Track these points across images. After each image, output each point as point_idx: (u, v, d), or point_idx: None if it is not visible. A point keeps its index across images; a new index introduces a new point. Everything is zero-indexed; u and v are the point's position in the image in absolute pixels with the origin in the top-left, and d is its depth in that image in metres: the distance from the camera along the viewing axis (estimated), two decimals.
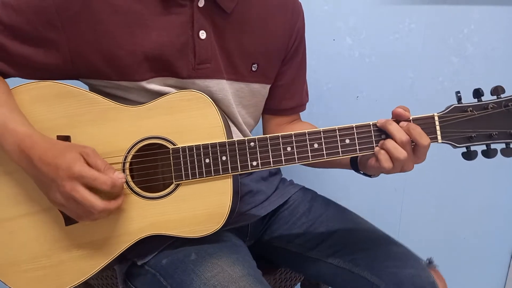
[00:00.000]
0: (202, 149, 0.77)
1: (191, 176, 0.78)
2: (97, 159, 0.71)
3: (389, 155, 0.73)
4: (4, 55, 0.78)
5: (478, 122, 0.73)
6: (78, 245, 0.79)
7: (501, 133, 0.73)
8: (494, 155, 0.74)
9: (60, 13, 0.75)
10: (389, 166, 0.73)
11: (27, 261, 0.79)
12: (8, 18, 0.75)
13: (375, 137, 0.75)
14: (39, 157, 0.70)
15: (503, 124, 0.73)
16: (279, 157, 0.77)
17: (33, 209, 0.79)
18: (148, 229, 0.79)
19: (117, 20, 0.77)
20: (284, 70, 0.96)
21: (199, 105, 0.79)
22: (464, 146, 0.75)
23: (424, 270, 0.83)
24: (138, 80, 0.80)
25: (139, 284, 0.86)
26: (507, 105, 0.72)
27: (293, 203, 1.01)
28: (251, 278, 0.74)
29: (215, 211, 0.78)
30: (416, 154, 0.74)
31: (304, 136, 0.76)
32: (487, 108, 0.73)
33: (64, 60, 0.78)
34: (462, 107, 0.74)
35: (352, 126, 0.75)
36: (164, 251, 0.83)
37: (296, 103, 1.02)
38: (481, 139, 0.74)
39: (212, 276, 0.74)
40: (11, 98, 0.77)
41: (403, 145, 0.72)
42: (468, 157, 0.75)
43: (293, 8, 0.93)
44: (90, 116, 0.78)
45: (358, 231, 0.93)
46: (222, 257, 0.78)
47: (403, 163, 0.74)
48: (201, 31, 0.81)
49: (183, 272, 0.77)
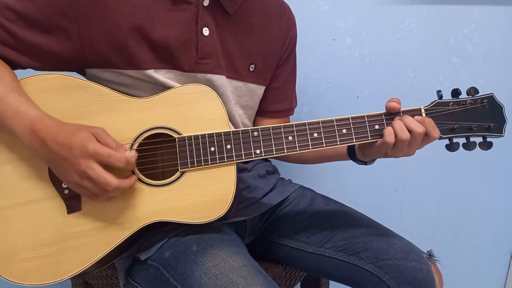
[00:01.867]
0: (207, 138, 0.80)
1: (197, 164, 0.80)
2: (108, 138, 0.74)
3: (394, 132, 0.79)
4: (16, 44, 0.80)
5: (459, 116, 0.82)
6: (80, 233, 0.79)
7: (479, 126, 0.82)
8: (473, 147, 0.83)
9: (72, 4, 0.78)
10: (391, 141, 0.79)
11: (26, 250, 0.79)
12: (22, 7, 0.78)
13: (369, 127, 0.82)
14: (52, 139, 0.72)
15: (480, 118, 0.82)
16: (281, 145, 0.81)
17: (34, 197, 0.79)
18: (152, 216, 0.80)
19: (126, 13, 0.80)
20: (278, 74, 1.01)
21: (205, 98, 0.81)
22: (448, 137, 0.83)
23: (425, 263, 0.86)
24: (146, 68, 0.83)
25: (140, 280, 0.87)
26: (482, 102, 0.82)
27: (293, 200, 1.03)
28: (252, 268, 0.76)
29: (219, 197, 0.80)
30: (423, 143, 0.81)
31: (304, 126, 0.81)
32: (465, 104, 0.83)
33: (75, 48, 0.81)
34: (444, 102, 0.83)
35: (348, 117, 0.82)
36: (166, 244, 0.84)
37: (286, 107, 1.06)
38: (462, 131, 0.83)
39: (213, 266, 0.75)
40: (19, 84, 0.79)
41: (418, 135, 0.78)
42: (450, 149, 0.84)
43: (289, 18, 1.00)
44: (97, 107, 0.80)
45: (359, 226, 0.94)
46: (223, 248, 0.79)
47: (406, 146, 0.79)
48: (205, 28, 0.85)
49: (185, 263, 0.78)
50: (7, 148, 0.79)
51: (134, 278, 0.88)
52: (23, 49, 0.80)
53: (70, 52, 0.81)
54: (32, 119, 0.74)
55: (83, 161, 0.70)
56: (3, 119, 0.75)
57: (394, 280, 0.85)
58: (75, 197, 0.79)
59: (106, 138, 0.74)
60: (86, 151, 0.70)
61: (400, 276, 0.84)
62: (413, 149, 0.81)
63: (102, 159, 0.71)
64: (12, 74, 0.80)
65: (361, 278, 0.89)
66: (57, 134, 0.73)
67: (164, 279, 0.80)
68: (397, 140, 0.78)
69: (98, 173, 0.71)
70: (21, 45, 0.80)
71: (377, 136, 0.82)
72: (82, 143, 0.71)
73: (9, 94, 0.75)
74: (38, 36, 0.79)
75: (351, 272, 0.90)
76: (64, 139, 0.72)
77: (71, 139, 0.71)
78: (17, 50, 0.80)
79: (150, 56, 0.83)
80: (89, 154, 0.70)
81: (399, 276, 0.84)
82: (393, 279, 0.85)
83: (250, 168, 0.99)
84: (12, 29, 0.78)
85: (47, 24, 0.79)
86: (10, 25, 0.78)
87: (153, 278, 0.83)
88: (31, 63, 0.82)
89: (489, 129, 0.82)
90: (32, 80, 0.80)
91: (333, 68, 1.35)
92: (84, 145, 0.70)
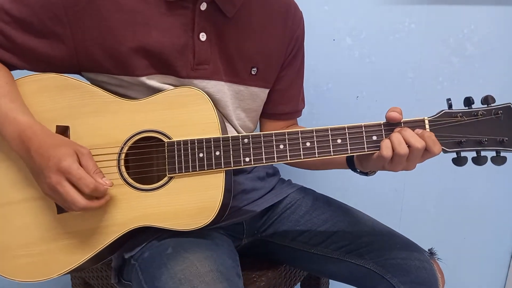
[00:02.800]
0: (196, 143, 0.79)
1: (184, 170, 0.79)
2: (90, 161, 0.73)
3: (392, 146, 0.74)
4: (11, 47, 0.80)
5: (468, 128, 0.74)
6: (67, 234, 0.80)
7: (491, 140, 0.73)
8: (484, 162, 0.75)
9: (66, 8, 0.78)
10: (388, 155, 0.73)
11: (18, 248, 0.80)
12: (17, 11, 0.78)
13: (366, 138, 0.77)
14: (36, 149, 0.72)
15: (492, 131, 0.73)
16: (272, 154, 0.78)
17: (29, 195, 0.80)
18: (138, 220, 0.79)
19: (120, 18, 0.79)
20: (282, 76, 0.98)
21: (197, 102, 0.80)
22: (454, 151, 0.75)
23: (428, 262, 0.86)
24: (138, 75, 0.82)
25: (127, 278, 0.87)
26: (497, 113, 0.73)
27: (295, 202, 1.02)
28: (218, 274, 0.74)
29: (206, 205, 0.78)
30: (423, 158, 0.75)
31: (297, 134, 0.78)
32: (477, 115, 0.74)
33: (69, 53, 0.81)
34: (452, 113, 0.75)
35: (344, 127, 0.77)
36: (149, 244, 0.84)
37: (291, 109, 1.04)
38: (471, 145, 0.74)
39: (180, 270, 0.74)
40: (14, 88, 0.79)
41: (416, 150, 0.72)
42: (458, 163, 0.76)
43: (294, 17, 0.95)
44: (91, 108, 0.81)
45: (361, 225, 0.94)
46: (196, 252, 0.78)
47: (404, 161, 0.74)
48: (202, 33, 0.83)
49: (157, 266, 0.77)
50: (2, 146, 0.80)
51: (124, 276, 0.89)
52: (19, 52, 0.80)
53: (64, 56, 0.81)
54: (22, 127, 0.74)
55: (54, 176, 0.70)
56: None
57: (397, 278, 0.85)
58: None
59: (88, 160, 0.73)
60: (60, 166, 0.70)
61: (403, 275, 0.84)
62: (413, 164, 0.75)
63: (71, 179, 0.70)
64: (6, 76, 0.79)
65: (364, 277, 0.89)
66: (41, 144, 0.73)
67: (138, 281, 0.79)
68: (394, 154, 0.73)
69: (66, 190, 0.70)
70: (16, 47, 0.80)
71: (374, 147, 0.76)
72: (60, 157, 0.70)
73: (1, 98, 0.76)
74: (33, 40, 0.79)
75: (354, 271, 0.90)
76: (46, 150, 0.72)
77: (52, 151, 0.71)
78: (12, 52, 0.80)
79: (144, 62, 0.81)
80: (61, 170, 0.70)
81: (402, 274, 0.84)
82: (396, 277, 0.85)
83: (249, 170, 0.98)
84: (8, 32, 0.79)
85: (41, 29, 0.79)
86: (5, 28, 0.78)
87: (134, 278, 0.82)
88: (27, 65, 0.82)
89: (502, 143, 0.73)
90: (27, 80, 0.81)
91: (333, 68, 1.35)
92: (60, 160, 0.70)
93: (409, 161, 0.74)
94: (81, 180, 0.70)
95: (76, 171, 0.70)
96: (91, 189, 0.70)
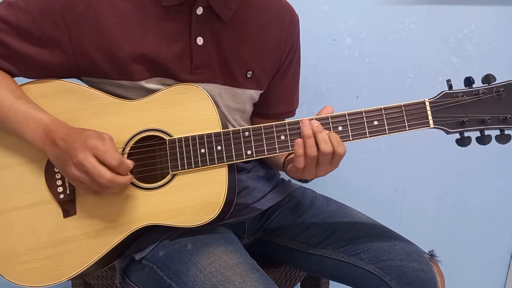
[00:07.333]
0: (197, 139, 0.79)
1: (187, 166, 0.79)
2: (113, 144, 0.75)
3: (304, 150, 0.76)
4: (10, 55, 0.80)
5: (469, 108, 0.73)
6: (75, 237, 0.80)
7: (494, 118, 0.73)
8: (488, 141, 0.74)
9: (64, 14, 0.78)
10: (300, 158, 0.75)
11: (25, 253, 0.80)
12: (15, 19, 0.78)
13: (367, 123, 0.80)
14: (61, 136, 0.75)
15: (495, 109, 0.73)
16: (273, 145, 0.78)
17: (34, 200, 0.81)
18: (144, 219, 0.80)
19: (117, 22, 0.79)
20: (278, 79, 0.99)
21: (195, 98, 0.81)
22: (457, 131, 0.75)
23: (427, 264, 0.85)
24: (137, 79, 0.82)
25: (135, 279, 0.87)
26: (498, 91, 0.72)
27: (294, 201, 1.02)
28: (247, 265, 0.76)
29: (210, 200, 0.79)
30: (332, 162, 0.77)
31: (297, 124, 0.78)
32: (478, 94, 0.73)
33: (68, 59, 0.81)
34: (452, 93, 0.74)
35: (345, 114, 0.80)
36: (161, 244, 0.84)
37: (286, 109, 1.05)
38: (473, 124, 0.74)
39: (208, 264, 0.75)
40: (23, 91, 0.81)
41: (325, 154, 0.75)
42: (461, 144, 0.75)
43: (290, 21, 0.96)
44: (91, 110, 0.81)
45: (361, 226, 0.94)
46: (218, 246, 0.79)
47: (316, 165, 0.76)
48: (199, 37, 0.83)
49: (180, 262, 0.78)
50: (5, 153, 0.81)
51: (130, 277, 0.89)
52: (17, 60, 0.81)
53: (63, 62, 0.81)
54: (46, 121, 0.77)
55: (81, 153, 0.72)
56: (15, 123, 0.77)
57: (396, 281, 0.84)
58: (70, 201, 0.81)
59: (110, 143, 0.75)
60: (86, 143, 0.72)
61: (402, 277, 0.84)
62: (323, 168, 0.78)
63: (98, 154, 0.72)
64: (14, 81, 0.82)
65: (362, 279, 0.88)
66: (67, 132, 0.75)
67: (158, 278, 0.80)
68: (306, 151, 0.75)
69: (93, 164, 0.71)
70: (14, 55, 0.80)
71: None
72: (85, 137, 0.73)
73: (18, 100, 0.78)
74: (31, 47, 0.80)
75: (352, 272, 0.89)
76: (71, 135, 0.74)
77: (77, 135, 0.74)
78: (10, 60, 0.81)
79: (142, 66, 0.82)
80: (88, 147, 0.72)
81: (401, 277, 0.84)
82: (395, 279, 0.84)
83: (249, 169, 0.99)
84: (5, 40, 0.79)
85: (39, 35, 0.79)
86: (2, 36, 0.79)
87: (148, 278, 0.83)
88: (25, 73, 0.83)
89: (505, 121, 0.72)
90: (26, 87, 0.82)
91: (333, 68, 1.35)
92: (86, 139, 0.73)
93: (320, 163, 0.76)
94: (108, 153, 0.72)
95: (102, 146, 0.73)
96: (118, 161, 0.72)
